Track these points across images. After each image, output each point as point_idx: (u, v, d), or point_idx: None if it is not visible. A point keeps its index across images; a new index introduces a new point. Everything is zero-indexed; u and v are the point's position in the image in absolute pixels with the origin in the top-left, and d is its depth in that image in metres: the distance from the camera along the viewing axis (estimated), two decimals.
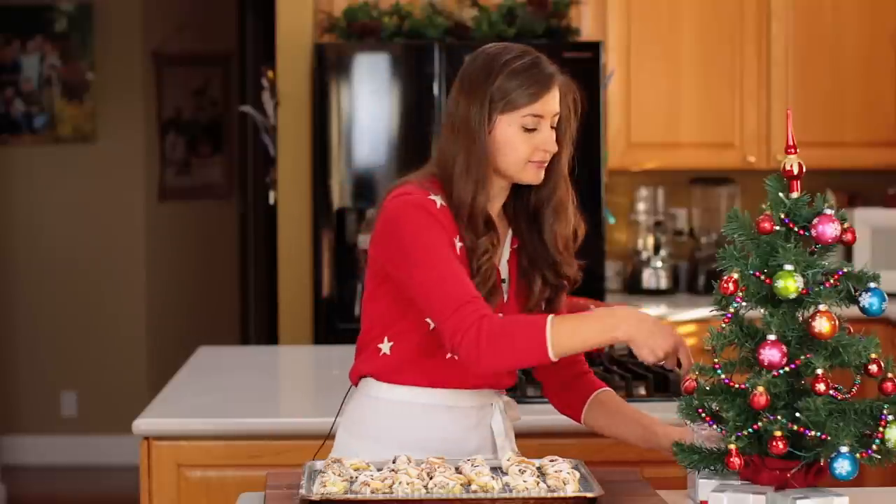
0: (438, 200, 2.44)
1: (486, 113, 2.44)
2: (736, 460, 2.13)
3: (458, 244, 2.44)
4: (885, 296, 2.17)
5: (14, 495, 6.44)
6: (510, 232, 2.55)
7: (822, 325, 2.10)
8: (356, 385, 2.57)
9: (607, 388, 2.63)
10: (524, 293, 2.54)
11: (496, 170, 2.47)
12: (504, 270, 2.53)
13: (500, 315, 2.35)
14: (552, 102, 2.46)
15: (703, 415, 2.20)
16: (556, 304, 2.56)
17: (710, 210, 5.71)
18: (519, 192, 2.54)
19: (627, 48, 5.41)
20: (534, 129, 2.45)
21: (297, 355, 4.33)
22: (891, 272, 4.36)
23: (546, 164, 2.49)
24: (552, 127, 2.47)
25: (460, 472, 2.26)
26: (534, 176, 2.48)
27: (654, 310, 5.15)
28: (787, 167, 2.19)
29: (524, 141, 2.45)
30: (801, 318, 2.15)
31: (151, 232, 7.14)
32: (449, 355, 2.43)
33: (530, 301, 2.53)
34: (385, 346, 2.50)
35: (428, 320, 2.44)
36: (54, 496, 6.59)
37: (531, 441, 2.88)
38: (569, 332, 2.29)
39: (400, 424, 2.50)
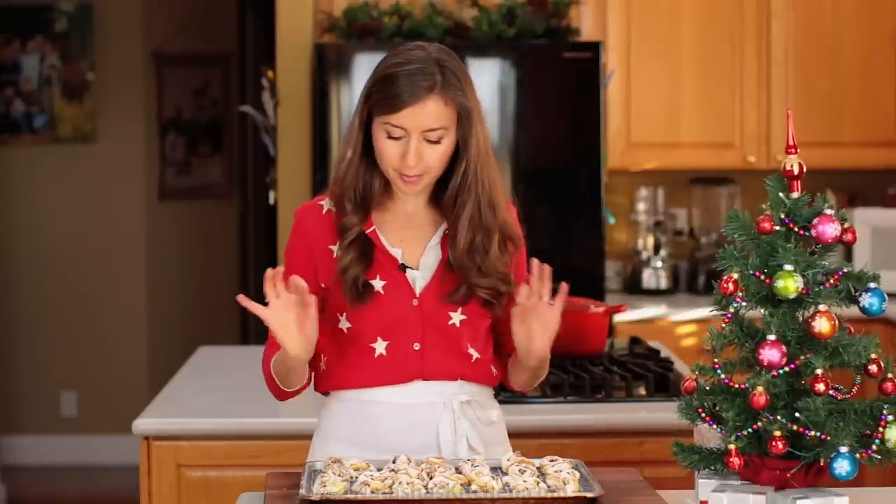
0: (327, 205, 2.54)
1: (363, 108, 2.47)
2: (736, 460, 2.14)
3: (334, 248, 2.49)
4: (885, 296, 2.17)
5: (14, 495, 6.44)
6: (444, 224, 2.53)
7: (822, 325, 2.11)
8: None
9: None
10: (448, 285, 2.51)
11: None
12: (429, 257, 2.52)
13: None
14: (418, 118, 2.41)
15: (703, 415, 2.20)
16: (493, 308, 2.53)
17: (710, 210, 5.71)
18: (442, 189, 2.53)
19: (627, 48, 5.41)
20: (399, 139, 2.43)
21: None
22: (891, 272, 4.36)
23: (417, 180, 2.44)
24: (432, 141, 2.42)
25: (460, 472, 2.27)
26: (402, 187, 2.47)
27: (654, 310, 5.16)
28: (788, 167, 2.19)
29: (390, 149, 2.44)
30: (801, 318, 2.15)
31: (151, 232, 7.14)
32: (377, 353, 2.49)
33: (452, 295, 2.50)
34: (322, 363, 2.57)
35: (340, 321, 2.50)
36: (54, 496, 6.59)
37: (531, 441, 2.89)
38: (276, 368, 2.50)
39: (344, 424, 2.54)
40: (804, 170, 2.19)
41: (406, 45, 2.50)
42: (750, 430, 2.14)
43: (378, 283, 2.49)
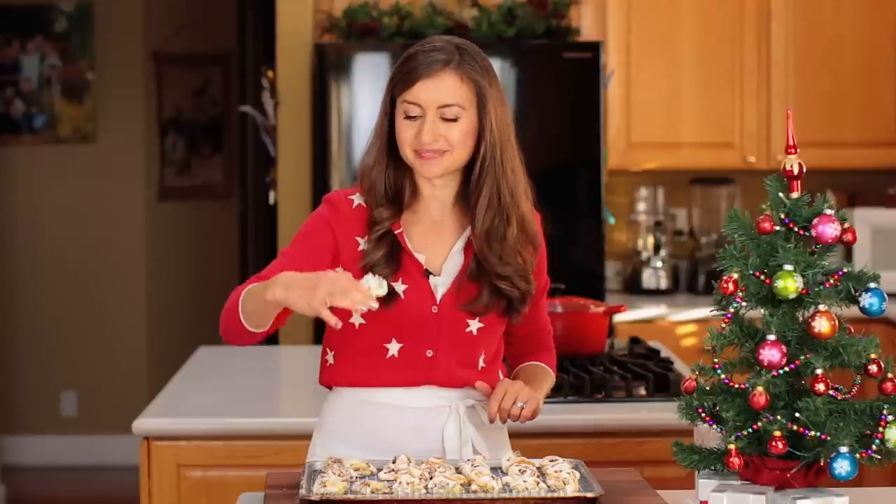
0: (357, 200, 2.51)
1: (387, 96, 2.48)
2: (736, 460, 2.13)
3: (361, 240, 2.46)
4: (885, 296, 2.17)
5: (14, 495, 6.44)
6: (468, 230, 2.51)
7: (822, 325, 2.10)
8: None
9: (532, 363, 2.64)
10: (468, 294, 2.49)
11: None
12: (452, 263, 2.50)
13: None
14: (433, 91, 2.41)
15: (703, 415, 2.20)
16: (513, 315, 2.52)
17: (710, 210, 5.71)
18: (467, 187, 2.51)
19: (627, 48, 5.41)
20: (415, 118, 2.43)
21: (297, 355, 4.33)
22: (891, 272, 4.37)
23: (436, 157, 2.42)
24: (447, 119, 2.42)
25: (460, 473, 2.26)
26: (420, 168, 2.45)
27: (653, 310, 5.16)
28: (787, 167, 2.19)
29: (408, 129, 2.43)
30: (801, 318, 2.15)
31: (151, 232, 7.14)
32: (389, 354, 2.48)
33: (472, 304, 2.48)
34: (330, 357, 2.56)
35: (352, 321, 2.47)
36: (54, 496, 6.59)
37: (531, 441, 2.88)
38: (249, 297, 2.33)
39: (347, 422, 2.53)
40: (804, 170, 2.19)
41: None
42: (750, 430, 2.14)
43: (400, 287, 2.46)
